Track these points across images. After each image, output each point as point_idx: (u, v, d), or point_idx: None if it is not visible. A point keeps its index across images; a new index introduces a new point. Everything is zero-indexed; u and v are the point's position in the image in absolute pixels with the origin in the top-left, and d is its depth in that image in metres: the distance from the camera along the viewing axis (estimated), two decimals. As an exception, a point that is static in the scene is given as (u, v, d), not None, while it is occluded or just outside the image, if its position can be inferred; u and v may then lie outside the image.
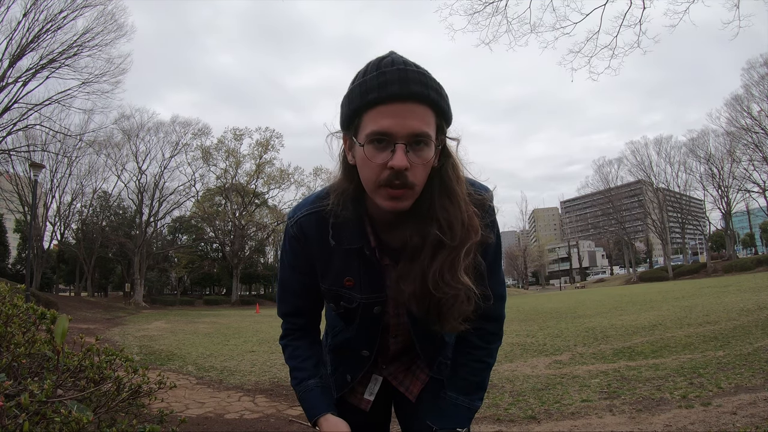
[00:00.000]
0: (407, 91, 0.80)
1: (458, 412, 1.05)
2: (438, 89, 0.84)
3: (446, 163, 0.91)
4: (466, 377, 1.07)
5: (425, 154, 0.83)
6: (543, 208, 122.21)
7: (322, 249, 1.00)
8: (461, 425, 1.04)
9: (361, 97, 0.83)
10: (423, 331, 1.08)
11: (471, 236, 0.89)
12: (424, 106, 0.82)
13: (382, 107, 0.81)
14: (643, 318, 9.71)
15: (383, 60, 0.84)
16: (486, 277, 0.97)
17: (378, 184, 0.84)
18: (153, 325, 15.54)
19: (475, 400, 1.07)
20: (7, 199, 27.79)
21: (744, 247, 58.62)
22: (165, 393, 1.69)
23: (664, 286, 27.36)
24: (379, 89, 0.80)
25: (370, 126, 0.82)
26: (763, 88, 33.79)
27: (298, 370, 1.09)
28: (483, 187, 0.99)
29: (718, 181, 40.16)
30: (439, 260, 0.89)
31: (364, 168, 0.86)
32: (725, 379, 4.11)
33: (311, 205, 1.00)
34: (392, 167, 0.80)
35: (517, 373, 5.30)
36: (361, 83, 0.83)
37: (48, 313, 1.51)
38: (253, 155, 38.30)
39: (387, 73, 0.81)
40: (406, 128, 0.80)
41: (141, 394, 1.42)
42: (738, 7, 7.41)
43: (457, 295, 0.89)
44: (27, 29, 19.76)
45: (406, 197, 0.84)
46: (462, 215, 0.89)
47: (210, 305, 34.72)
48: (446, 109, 0.86)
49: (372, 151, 0.82)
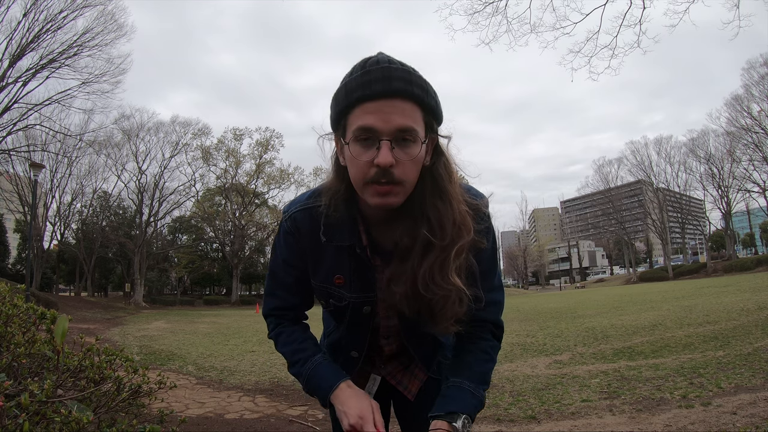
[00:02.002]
0: (390, 87, 0.80)
1: (463, 395, 0.96)
2: (423, 86, 0.84)
3: (438, 161, 0.91)
4: (471, 365, 1.01)
5: (412, 150, 0.82)
6: (543, 208, 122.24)
7: (314, 245, 1.00)
8: (466, 410, 0.93)
9: (346, 96, 0.83)
10: (413, 333, 1.07)
11: (463, 235, 0.88)
12: (409, 102, 0.82)
13: (367, 104, 0.81)
14: (643, 318, 9.71)
15: (369, 60, 0.85)
16: (479, 280, 0.95)
17: (365, 181, 0.84)
18: (153, 325, 15.54)
19: (480, 390, 1.00)
20: (7, 199, 27.79)
21: (744, 247, 58.63)
22: (165, 393, 1.69)
23: (664, 286, 27.35)
24: (363, 87, 0.81)
25: (355, 124, 0.82)
26: (763, 88, 33.80)
27: (300, 351, 1.04)
28: (478, 193, 0.98)
29: (718, 181, 40.17)
30: (429, 260, 0.88)
31: (351, 166, 0.86)
32: (725, 379, 4.11)
33: (305, 202, 1.00)
34: (378, 164, 0.80)
35: (517, 373, 5.30)
36: (347, 83, 0.84)
37: (48, 313, 1.51)
38: (253, 155, 38.35)
39: (371, 72, 0.81)
40: (390, 124, 0.80)
41: (141, 394, 1.42)
42: (738, 7, 7.42)
43: (447, 296, 0.88)
44: (27, 29, 19.79)
45: (393, 193, 0.84)
46: (454, 214, 0.88)
47: (210, 305, 34.71)
48: (434, 106, 0.86)
49: (358, 149, 0.82)
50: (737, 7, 7.41)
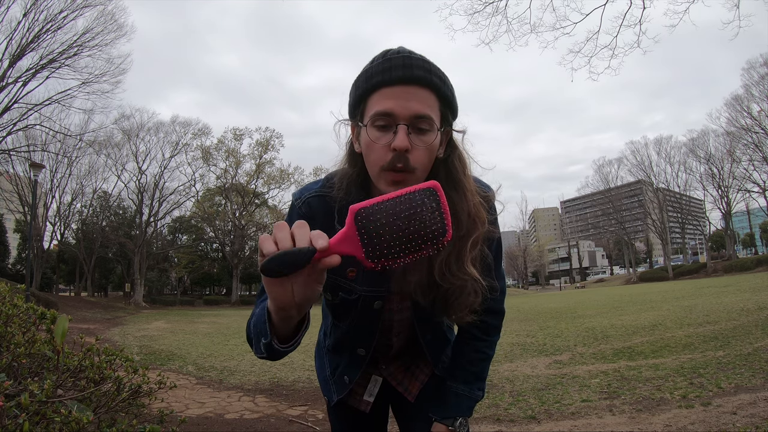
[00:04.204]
0: (410, 74, 0.82)
1: (459, 401, 1.06)
2: (442, 77, 0.86)
3: (452, 154, 0.92)
4: (465, 367, 1.08)
5: (427, 138, 0.84)
6: (543, 208, 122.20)
7: (327, 233, 0.98)
8: (462, 414, 1.05)
9: (366, 81, 0.85)
10: (427, 325, 1.08)
11: (477, 227, 0.90)
12: (427, 90, 0.84)
13: (386, 89, 0.83)
14: (643, 318, 9.71)
15: (390, 50, 0.87)
16: (492, 269, 0.98)
17: (382, 167, 0.84)
18: (153, 325, 15.53)
19: (475, 390, 1.08)
20: (7, 199, 27.75)
21: (744, 247, 58.61)
22: (165, 393, 1.69)
23: (664, 286, 27.35)
24: (383, 73, 0.83)
25: (373, 108, 0.84)
26: (763, 88, 33.76)
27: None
28: (486, 185, 1.01)
29: (718, 181, 40.14)
30: (446, 251, 0.88)
31: (368, 151, 0.87)
32: (725, 379, 4.11)
33: (320, 189, 1.00)
34: (395, 148, 0.81)
35: (517, 373, 5.30)
36: (367, 70, 0.87)
37: (48, 313, 1.51)
38: (253, 155, 38.32)
39: (392, 60, 0.84)
40: (408, 109, 0.82)
41: (141, 394, 1.42)
42: (738, 7, 7.42)
43: (463, 286, 0.89)
44: (27, 29, 19.76)
45: (407, 182, 0.84)
46: (468, 206, 0.89)
47: (210, 305, 34.69)
48: (450, 97, 0.88)
49: (375, 133, 0.84)
50: (737, 7, 7.41)
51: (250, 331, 0.85)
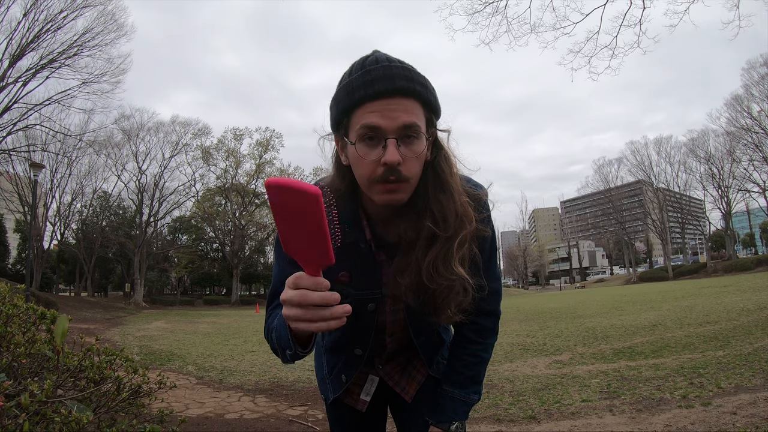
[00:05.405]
0: (393, 86, 0.81)
1: (455, 405, 1.06)
2: (423, 82, 0.85)
3: (438, 155, 0.92)
4: (460, 371, 1.07)
5: (416, 147, 0.83)
6: (543, 208, 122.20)
7: None
8: (458, 418, 1.05)
9: (348, 97, 0.83)
10: (420, 326, 1.08)
11: (465, 226, 0.90)
12: (411, 99, 0.83)
13: (370, 104, 0.82)
14: (643, 318, 9.71)
15: (367, 59, 0.86)
16: (482, 269, 0.98)
17: (373, 180, 0.84)
18: (153, 325, 15.53)
19: (471, 394, 1.07)
20: (7, 199, 27.74)
21: (744, 247, 58.59)
22: (165, 393, 1.69)
23: (664, 286, 27.35)
24: (365, 87, 0.81)
25: (359, 123, 0.82)
26: (763, 88, 33.75)
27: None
28: (478, 184, 1.01)
29: (718, 181, 40.12)
30: (433, 252, 0.89)
31: (357, 166, 0.86)
32: (725, 379, 4.11)
33: None
34: (385, 163, 0.81)
35: (517, 373, 5.30)
36: (347, 84, 0.84)
37: (48, 313, 1.51)
38: (253, 155, 38.34)
39: (372, 72, 0.82)
40: (395, 122, 0.81)
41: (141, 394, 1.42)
42: (738, 7, 7.42)
43: (451, 286, 0.90)
44: (27, 29, 19.76)
45: (401, 190, 0.85)
46: (456, 206, 0.89)
47: (210, 305, 34.69)
48: (433, 101, 0.87)
49: (364, 149, 0.83)
50: (737, 7, 7.42)
51: (273, 343, 0.92)
